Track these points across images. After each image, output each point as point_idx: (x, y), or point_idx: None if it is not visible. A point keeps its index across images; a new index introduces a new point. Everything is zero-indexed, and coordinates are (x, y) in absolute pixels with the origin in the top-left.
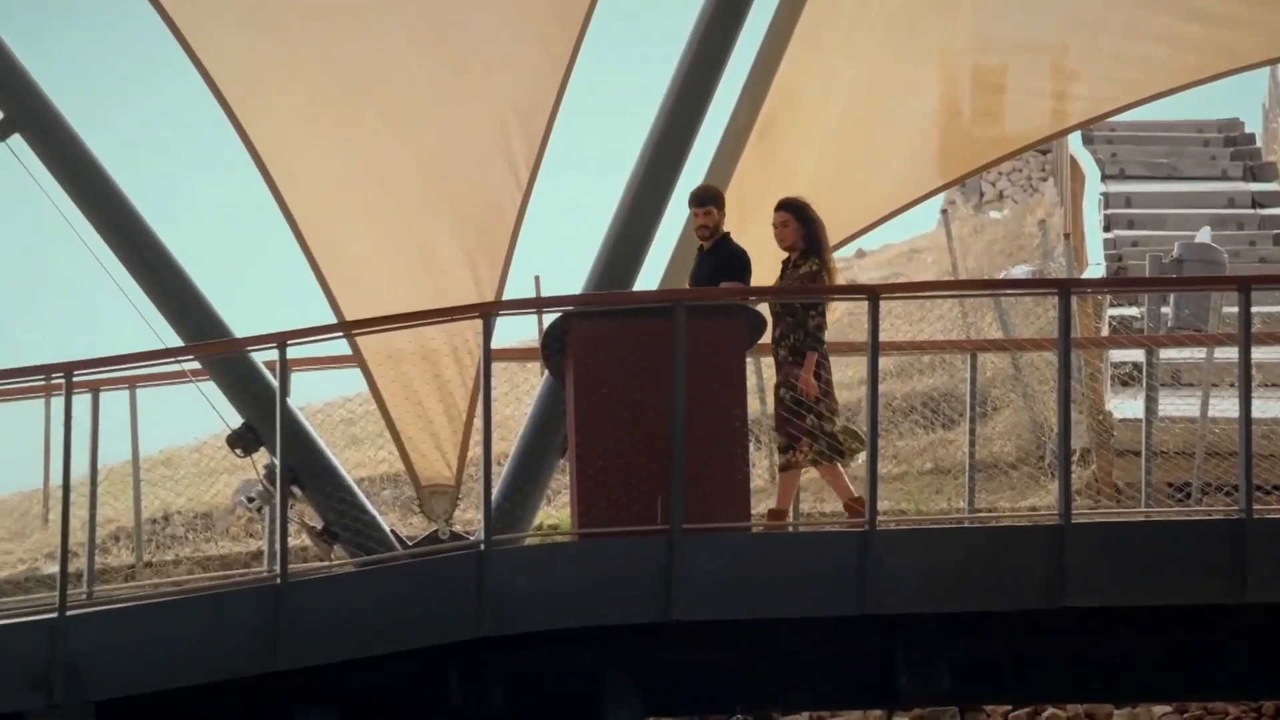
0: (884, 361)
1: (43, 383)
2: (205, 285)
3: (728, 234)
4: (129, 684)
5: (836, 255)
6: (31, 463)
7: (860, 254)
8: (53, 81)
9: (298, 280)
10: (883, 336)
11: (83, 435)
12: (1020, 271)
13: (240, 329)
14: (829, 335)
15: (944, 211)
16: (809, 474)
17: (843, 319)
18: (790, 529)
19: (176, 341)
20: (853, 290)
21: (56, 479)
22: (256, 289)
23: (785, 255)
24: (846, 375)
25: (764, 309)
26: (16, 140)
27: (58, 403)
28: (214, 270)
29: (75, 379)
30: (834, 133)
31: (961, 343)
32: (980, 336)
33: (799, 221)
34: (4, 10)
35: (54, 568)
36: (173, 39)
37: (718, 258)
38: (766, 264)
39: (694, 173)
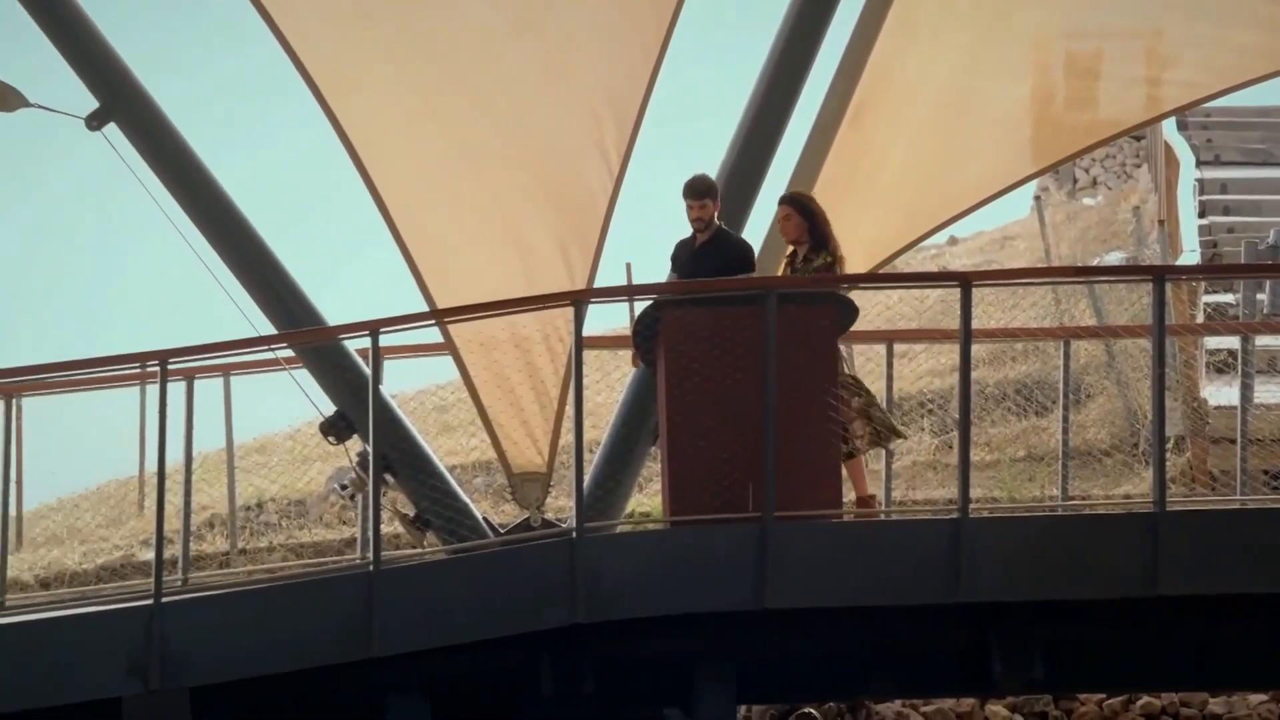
0: (976, 349)
1: (138, 371)
2: (298, 273)
3: (722, 224)
4: (223, 670)
5: (929, 242)
6: (127, 450)
7: (953, 241)
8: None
9: (390, 268)
10: (975, 323)
11: (178, 423)
12: (1114, 258)
13: (334, 317)
14: (921, 322)
15: (1037, 198)
16: (901, 460)
17: (935, 306)
18: (883, 516)
19: (270, 329)
20: (945, 278)
21: (152, 466)
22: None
23: (791, 249)
24: (939, 363)
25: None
26: (112, 129)
27: (153, 391)
28: (306, 259)
29: (170, 367)
30: (926, 119)
31: (1055, 330)
32: (1074, 324)
33: (801, 215)
34: (100, 2)
35: (150, 554)
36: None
37: (721, 249)
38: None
39: (786, 159)
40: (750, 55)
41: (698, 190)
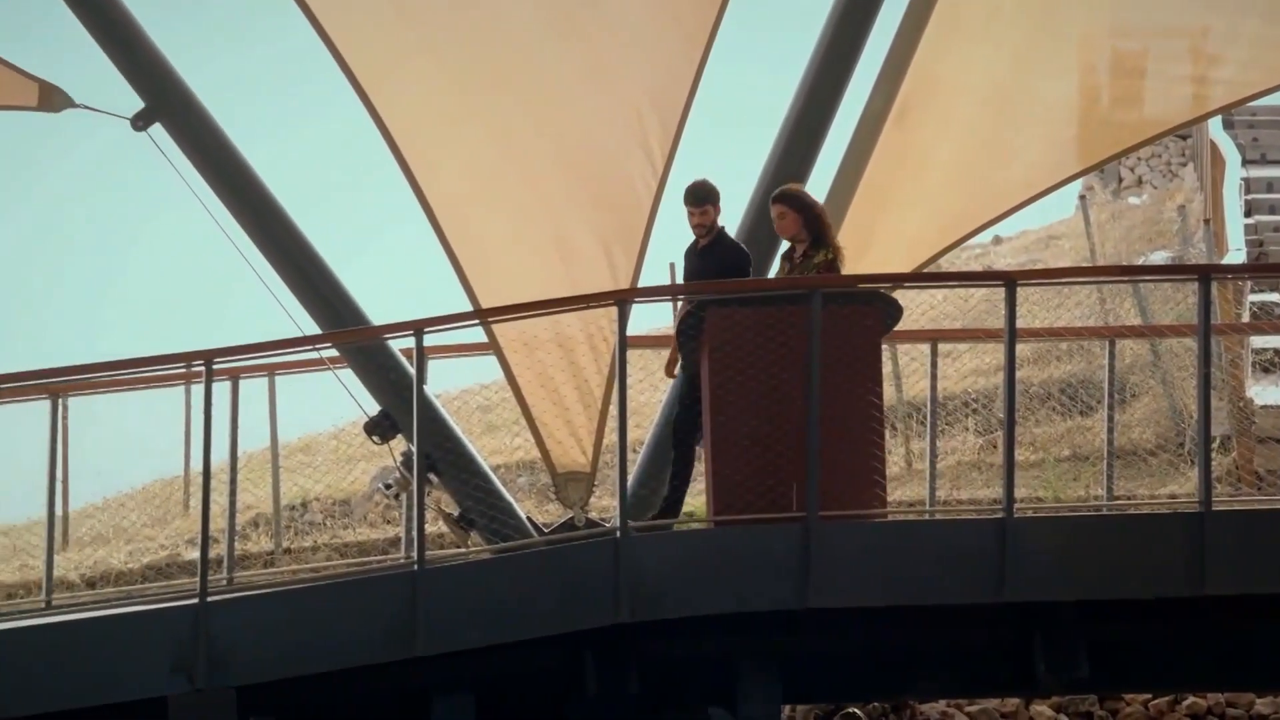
0: (1021, 348)
1: (183, 370)
2: (341, 272)
3: (723, 229)
4: (268, 669)
5: (973, 242)
6: (172, 450)
7: (997, 240)
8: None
9: (433, 268)
10: (1020, 323)
11: (222, 422)
12: (1159, 257)
13: (377, 317)
14: (966, 321)
15: (1082, 197)
16: (946, 460)
17: (979, 305)
18: (928, 516)
19: (315, 329)
20: (990, 277)
21: (197, 466)
22: (389, 276)
23: (789, 246)
24: (983, 362)
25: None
26: (156, 129)
27: (198, 390)
28: (347, 258)
29: (215, 366)
30: (971, 118)
31: (1100, 329)
32: (1119, 323)
33: (796, 211)
34: (147, 4)
35: (195, 554)
36: (310, 30)
37: (720, 253)
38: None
39: (830, 158)
40: (795, 55)
41: (698, 196)
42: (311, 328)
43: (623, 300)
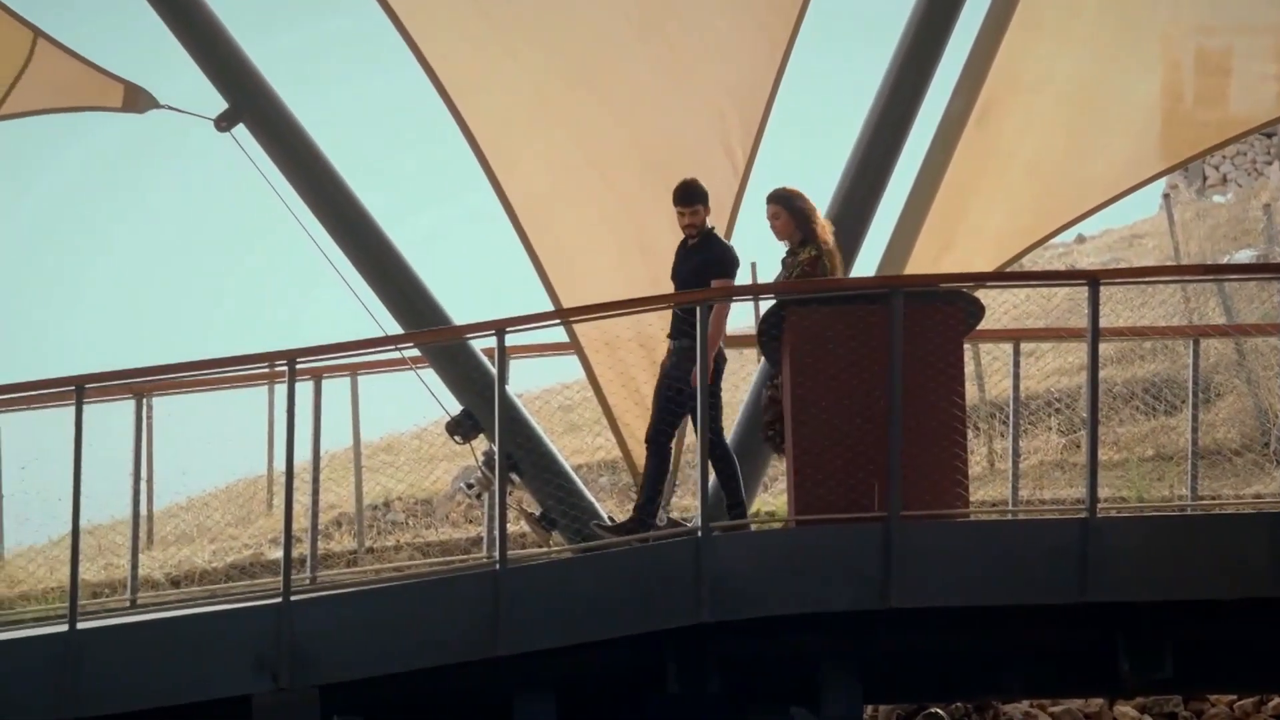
0: (1105, 347)
1: (266, 370)
2: (424, 274)
3: (713, 229)
4: (351, 668)
5: (1056, 241)
6: (255, 449)
7: (1080, 239)
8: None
9: (513, 268)
10: (1103, 322)
11: (305, 422)
12: (1244, 256)
13: (459, 316)
14: (1049, 320)
15: (1166, 196)
16: (1028, 460)
17: (1062, 304)
18: (1010, 516)
19: (397, 329)
20: (1073, 276)
21: (280, 465)
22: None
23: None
24: (1066, 361)
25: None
26: (240, 129)
27: (281, 390)
28: (430, 258)
29: (298, 366)
30: (1054, 117)
31: (1184, 328)
32: (1203, 322)
33: (790, 212)
34: (232, 6)
35: (278, 553)
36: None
37: (706, 253)
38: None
39: (912, 157)
40: (876, 53)
41: (687, 197)
42: (394, 327)
43: (705, 300)
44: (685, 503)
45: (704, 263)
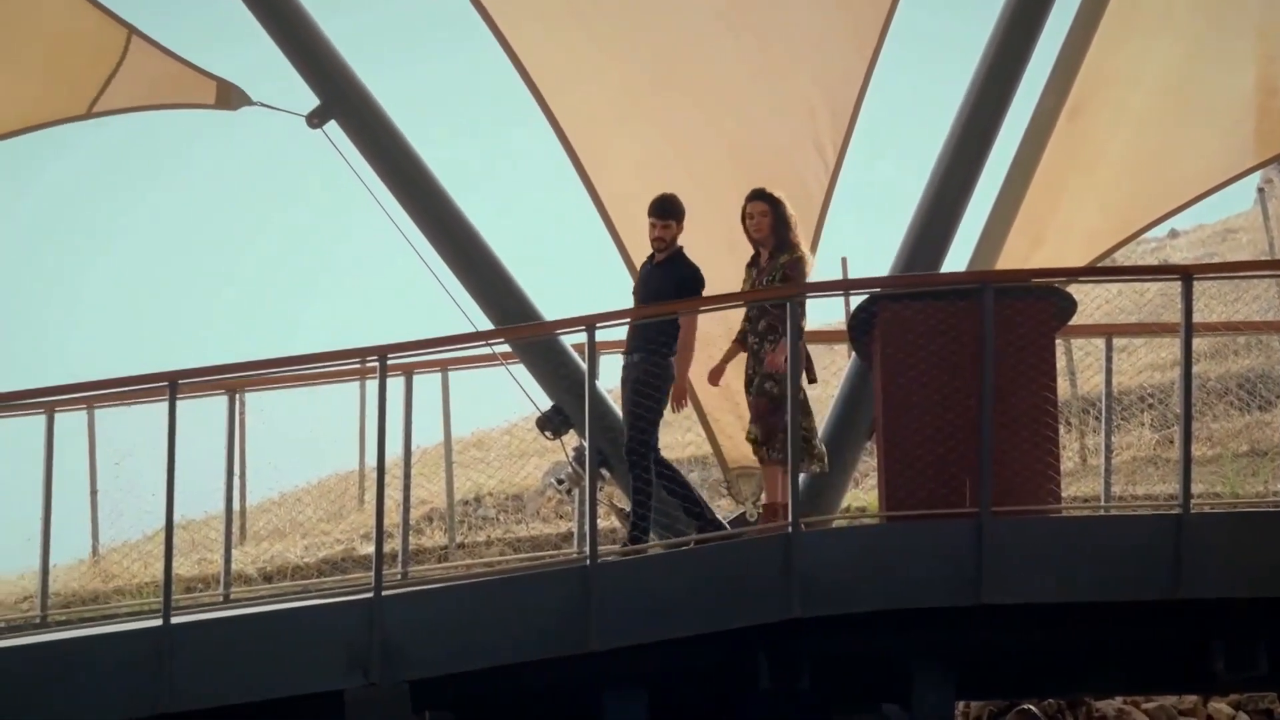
0: (1198, 342)
1: (358, 366)
2: (514, 269)
3: (681, 248)
4: (443, 663)
5: (1149, 236)
6: (347, 445)
7: (1173, 234)
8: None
9: (603, 264)
10: (1196, 317)
11: (396, 418)
12: None
13: (549, 312)
14: (1141, 316)
15: (1260, 190)
16: (1121, 455)
17: (1155, 300)
18: (1103, 512)
19: (487, 324)
20: (1166, 271)
21: (372, 461)
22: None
23: (754, 252)
24: (1159, 357)
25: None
26: (332, 126)
27: (373, 386)
28: (521, 254)
29: (390, 362)
30: (1146, 113)
31: (1278, 323)
32: None
33: (775, 215)
34: (325, 3)
35: (370, 548)
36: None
37: (676, 271)
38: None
39: (1002, 154)
40: (967, 49)
41: (663, 210)
42: (484, 324)
43: (793, 296)
44: None
45: (675, 281)
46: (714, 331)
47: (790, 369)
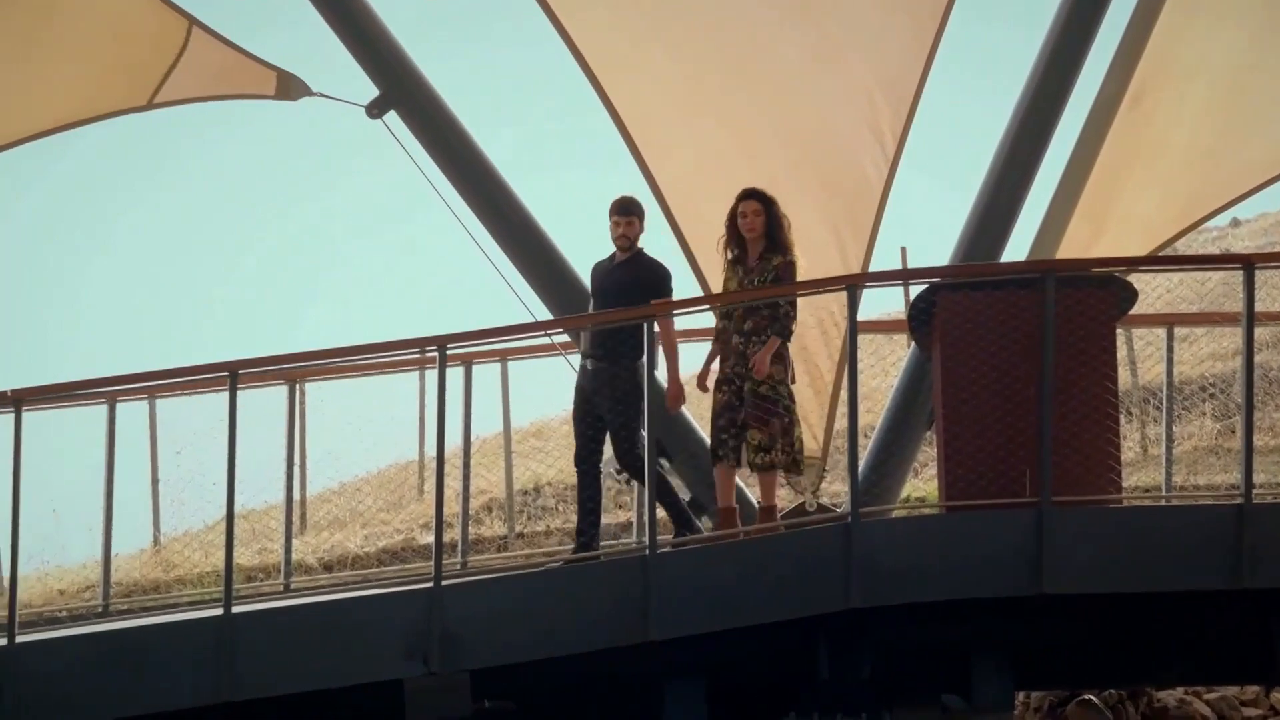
0: (1260, 332)
1: (417, 356)
2: (573, 260)
3: (642, 248)
4: (502, 653)
5: (1210, 225)
6: (407, 435)
7: (1235, 223)
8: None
9: (663, 253)
10: (1258, 306)
11: (456, 407)
12: None
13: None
14: (1203, 305)
15: None
16: (1182, 445)
17: (1216, 289)
18: (1164, 502)
19: (546, 315)
20: (1227, 260)
21: (431, 450)
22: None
23: (735, 253)
24: (1220, 346)
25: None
26: (391, 116)
27: (432, 375)
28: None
29: (449, 352)
30: (1208, 99)
31: None
32: None
33: (769, 215)
34: None
35: (429, 538)
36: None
37: (638, 269)
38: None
39: (1063, 143)
40: (1028, 36)
41: (626, 208)
42: (543, 313)
43: (853, 285)
44: (835, 488)
45: (641, 280)
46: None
47: (849, 357)
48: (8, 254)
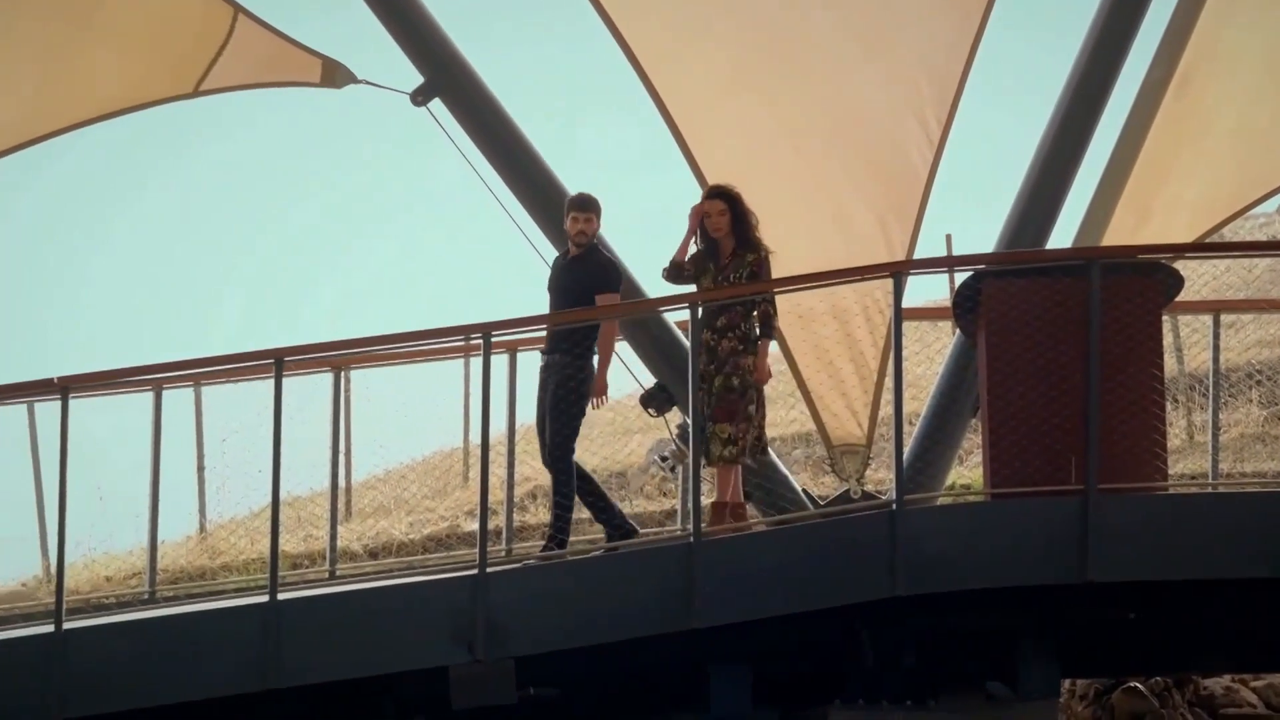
0: None
1: (462, 343)
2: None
3: (597, 244)
4: (547, 640)
5: (1257, 211)
6: (452, 423)
7: None
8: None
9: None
10: None
11: (501, 395)
12: None
13: (652, 289)
14: (1249, 292)
15: None
16: (1229, 433)
17: (1263, 276)
18: (1210, 489)
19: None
20: (1275, 247)
21: (476, 438)
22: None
23: (703, 250)
24: (1267, 333)
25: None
26: (436, 104)
27: (477, 363)
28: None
29: (494, 339)
30: (1255, 85)
31: None
32: None
33: (734, 214)
34: None
35: (474, 525)
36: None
37: (589, 266)
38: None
39: (1109, 129)
40: (1073, 24)
41: (586, 204)
42: None
43: (898, 272)
44: (880, 475)
45: (592, 276)
46: (817, 308)
47: (894, 344)
48: (8, 254)
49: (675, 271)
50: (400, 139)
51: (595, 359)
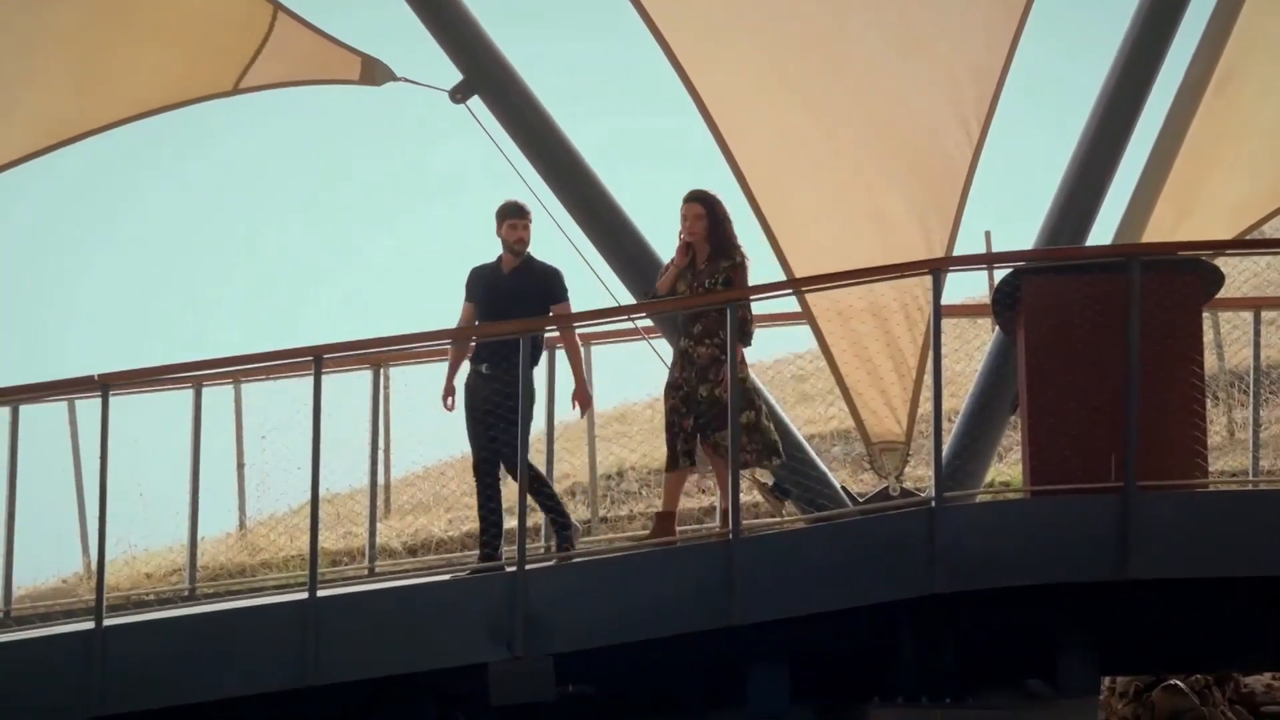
0: None
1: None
2: (655, 244)
3: (531, 253)
4: (586, 637)
5: None
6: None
7: None
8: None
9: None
10: None
11: (540, 393)
12: None
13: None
14: None
15: None
16: (1270, 430)
17: None
18: (1251, 486)
19: (629, 300)
20: None
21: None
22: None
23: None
24: None
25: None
26: (475, 102)
27: None
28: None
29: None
30: None
31: None
32: None
33: (713, 219)
34: None
35: (513, 522)
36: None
37: (535, 276)
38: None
39: (1149, 125)
40: (1113, 21)
41: (522, 210)
42: (626, 298)
43: (937, 269)
44: (919, 473)
45: (540, 287)
46: (856, 305)
47: (933, 341)
48: (7, 253)
49: (657, 299)
50: (436, 132)
51: (533, 369)
